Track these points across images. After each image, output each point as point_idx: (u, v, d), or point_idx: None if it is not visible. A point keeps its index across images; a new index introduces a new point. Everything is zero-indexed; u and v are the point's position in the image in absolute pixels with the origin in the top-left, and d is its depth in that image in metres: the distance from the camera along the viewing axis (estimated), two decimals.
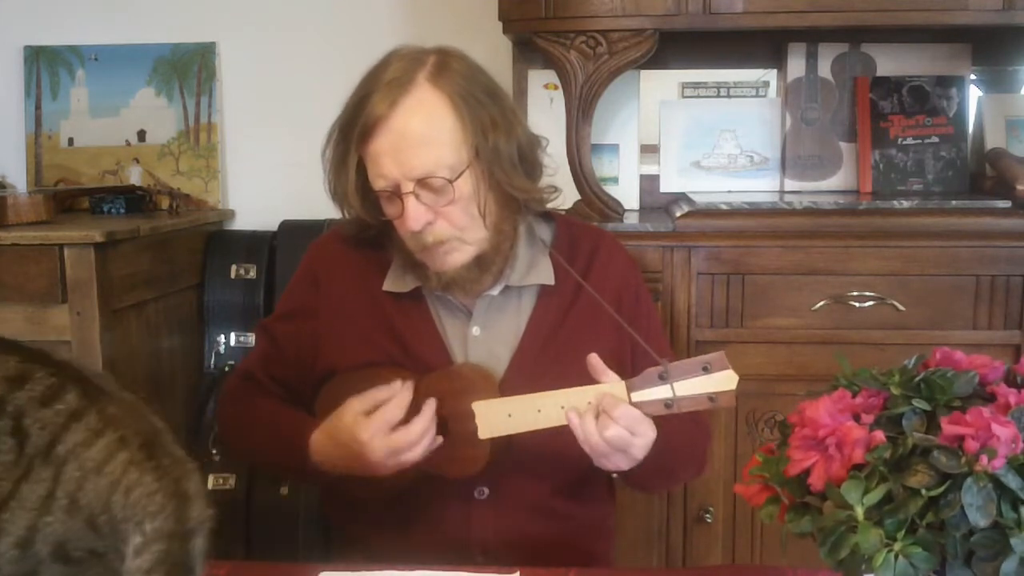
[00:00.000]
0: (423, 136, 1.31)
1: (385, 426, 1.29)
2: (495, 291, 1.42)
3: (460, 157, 1.33)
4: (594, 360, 1.28)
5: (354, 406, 1.32)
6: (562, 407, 1.27)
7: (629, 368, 1.36)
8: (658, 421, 1.28)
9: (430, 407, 1.32)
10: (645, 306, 1.52)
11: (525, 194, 1.39)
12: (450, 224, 1.34)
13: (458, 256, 1.36)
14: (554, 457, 1.37)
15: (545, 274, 1.44)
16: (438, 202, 1.32)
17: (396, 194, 1.33)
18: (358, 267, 1.47)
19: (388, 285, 1.44)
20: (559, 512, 1.44)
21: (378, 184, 1.34)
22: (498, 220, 1.38)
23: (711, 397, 1.23)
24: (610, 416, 1.24)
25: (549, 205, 1.48)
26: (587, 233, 1.53)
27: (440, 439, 1.33)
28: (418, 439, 1.30)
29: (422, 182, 1.31)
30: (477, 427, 1.31)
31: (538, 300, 1.44)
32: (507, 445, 1.34)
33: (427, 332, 1.42)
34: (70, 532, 0.79)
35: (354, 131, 1.33)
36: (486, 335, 1.42)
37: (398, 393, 1.31)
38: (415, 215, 1.32)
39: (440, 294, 1.42)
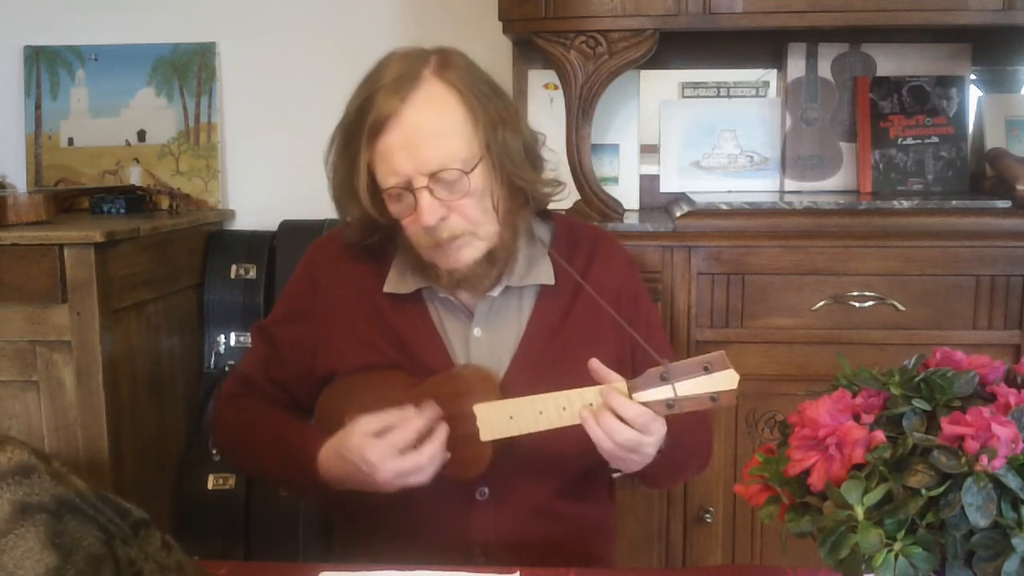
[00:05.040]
0: (436, 129, 1.31)
1: (394, 450, 1.28)
2: (496, 292, 1.42)
3: (472, 150, 1.32)
4: (595, 365, 1.26)
5: (363, 426, 1.30)
6: (564, 408, 1.27)
7: (630, 368, 1.35)
8: (666, 418, 1.28)
9: (441, 433, 1.31)
10: (644, 306, 1.51)
11: (534, 186, 1.40)
12: (464, 219, 1.34)
13: (470, 252, 1.36)
14: (555, 458, 1.37)
15: (545, 274, 1.43)
16: (452, 196, 1.32)
17: (408, 190, 1.32)
18: (357, 269, 1.46)
19: (389, 287, 1.43)
20: (560, 513, 1.44)
21: (389, 181, 1.33)
22: (507, 214, 1.38)
23: (712, 397, 1.22)
24: (624, 419, 1.23)
25: (551, 205, 1.48)
26: (586, 233, 1.52)
27: (448, 454, 1.32)
28: (428, 463, 1.30)
29: (435, 176, 1.31)
30: (479, 430, 1.31)
31: (538, 301, 1.44)
32: (508, 447, 1.33)
33: (427, 334, 1.42)
34: None
35: (363, 131, 1.32)
36: (487, 336, 1.42)
37: (410, 420, 1.30)
38: (430, 209, 1.31)
39: (443, 295, 1.42)
